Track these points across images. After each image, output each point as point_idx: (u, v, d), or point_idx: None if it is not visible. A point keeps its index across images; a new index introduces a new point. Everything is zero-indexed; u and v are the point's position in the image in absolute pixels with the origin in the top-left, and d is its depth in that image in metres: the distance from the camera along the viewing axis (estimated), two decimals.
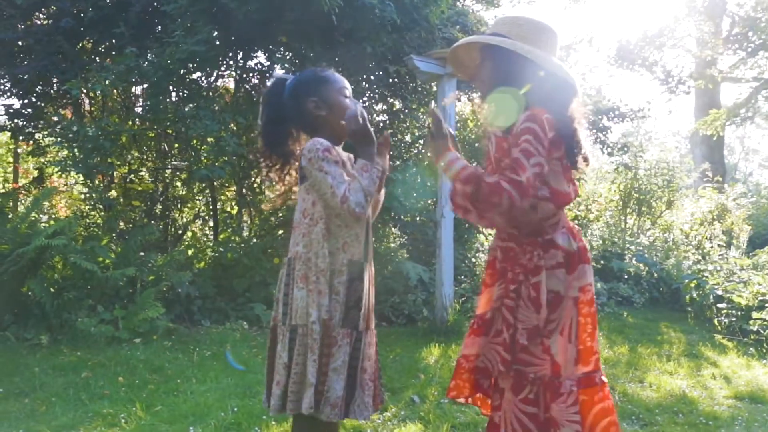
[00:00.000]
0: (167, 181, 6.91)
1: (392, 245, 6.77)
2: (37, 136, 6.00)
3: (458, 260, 6.38)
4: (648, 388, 3.87)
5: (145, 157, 6.77)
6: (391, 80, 6.51)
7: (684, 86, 13.35)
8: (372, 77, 6.55)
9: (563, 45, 8.66)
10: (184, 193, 7.16)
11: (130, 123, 6.18)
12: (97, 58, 5.59)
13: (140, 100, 6.60)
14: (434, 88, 6.89)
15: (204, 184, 6.96)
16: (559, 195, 1.86)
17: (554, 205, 1.87)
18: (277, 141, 1.99)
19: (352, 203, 1.78)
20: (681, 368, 4.39)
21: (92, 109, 6.37)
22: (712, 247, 8.15)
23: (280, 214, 6.88)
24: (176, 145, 7.02)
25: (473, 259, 6.96)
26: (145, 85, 5.75)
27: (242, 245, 6.18)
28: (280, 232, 6.78)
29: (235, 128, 5.51)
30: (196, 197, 7.30)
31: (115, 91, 5.79)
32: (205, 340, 4.83)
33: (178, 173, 6.97)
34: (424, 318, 5.66)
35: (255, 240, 6.44)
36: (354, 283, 1.87)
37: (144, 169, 6.50)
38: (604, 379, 1.93)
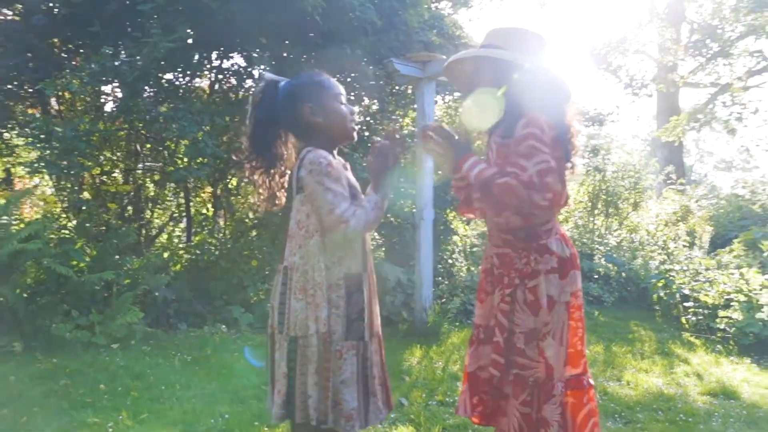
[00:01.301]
0: (139, 182, 6.78)
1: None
2: (5, 135, 5.80)
3: (435, 262, 6.44)
4: (626, 386, 3.99)
5: (116, 158, 6.62)
6: (369, 82, 6.52)
7: (647, 90, 13.73)
8: (348, 79, 6.55)
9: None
10: (155, 194, 7.03)
11: (102, 123, 6.03)
12: (71, 57, 5.43)
13: (110, 99, 6.47)
14: (409, 90, 6.96)
15: (177, 186, 6.86)
16: (557, 196, 1.92)
17: (550, 208, 1.92)
18: (266, 143, 1.97)
19: (350, 227, 1.79)
20: (655, 366, 4.53)
21: (61, 108, 6.19)
22: (676, 247, 8.41)
23: (253, 217, 6.84)
24: (148, 146, 6.90)
25: (450, 261, 7.03)
26: (116, 84, 5.65)
27: (219, 247, 6.10)
28: (253, 233, 6.73)
29: (210, 129, 5.44)
30: (168, 199, 7.17)
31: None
32: (185, 345, 4.76)
33: (150, 174, 6.84)
34: (403, 320, 5.69)
35: (231, 242, 6.37)
36: (353, 296, 1.87)
37: (117, 170, 6.35)
38: (591, 381, 2.00)
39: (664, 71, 14.52)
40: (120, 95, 6.30)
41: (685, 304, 6.14)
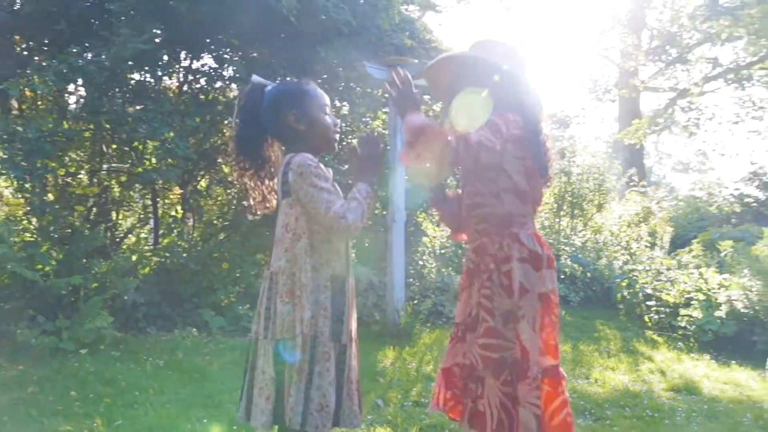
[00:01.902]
0: (104, 183, 6.65)
1: None
2: None
3: (405, 263, 6.50)
4: (594, 384, 4.11)
5: (80, 158, 6.48)
6: (339, 84, 6.54)
7: (610, 95, 14.10)
8: (319, 80, 6.55)
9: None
10: (120, 196, 6.91)
11: (66, 123, 5.90)
12: (32, 55, 5.30)
13: (74, 98, 6.33)
14: (378, 93, 7.00)
15: (144, 187, 6.75)
16: (521, 192, 1.99)
17: (519, 200, 1.99)
18: (252, 146, 1.98)
19: (349, 221, 1.80)
20: (621, 364, 4.68)
21: (23, 107, 6.03)
22: (638, 247, 8.67)
23: (220, 219, 6.78)
24: (113, 146, 6.77)
25: (420, 262, 7.10)
26: (79, 83, 5.54)
27: (188, 250, 6.03)
28: (221, 236, 6.67)
29: (180, 130, 5.38)
30: (134, 201, 7.06)
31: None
32: (156, 349, 4.70)
33: (116, 176, 6.72)
34: (375, 321, 5.72)
35: (201, 245, 6.30)
36: (337, 297, 1.90)
37: (82, 172, 6.22)
38: (563, 375, 2.06)
39: (626, 76, 14.94)
40: (84, 94, 6.22)
41: (648, 303, 6.34)
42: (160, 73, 5.68)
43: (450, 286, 6.76)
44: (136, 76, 5.51)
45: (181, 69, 6.05)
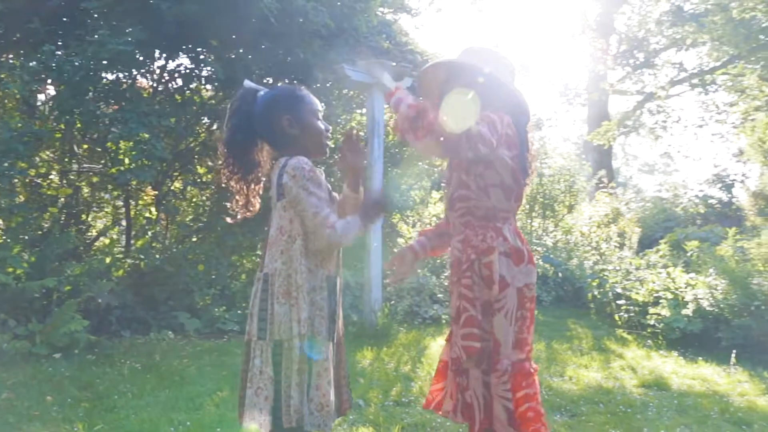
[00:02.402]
0: (76, 184, 6.54)
1: None
2: None
3: (382, 264, 6.55)
4: (569, 382, 4.21)
5: (49, 159, 6.36)
6: (316, 85, 6.55)
7: (581, 99, 14.37)
8: (295, 81, 6.56)
9: (467, 49, 9.04)
10: (90, 197, 6.81)
11: (36, 123, 5.79)
12: (6, 54, 5.20)
13: (42, 97, 6.21)
14: (351, 94, 7.04)
15: (116, 189, 6.66)
16: (508, 188, 2.05)
17: (504, 196, 2.06)
18: (243, 150, 2.00)
19: (337, 232, 1.84)
20: (594, 362, 4.79)
21: None
22: (608, 247, 8.87)
23: (195, 221, 6.73)
24: (84, 146, 6.66)
25: None
26: (49, 82, 5.44)
27: (164, 252, 5.97)
28: (196, 238, 6.61)
29: (156, 131, 5.34)
30: (105, 202, 6.96)
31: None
32: (131, 352, 4.66)
33: (88, 176, 6.62)
34: (353, 322, 5.75)
35: (176, 246, 6.24)
36: (331, 296, 1.94)
37: (53, 172, 6.11)
38: (535, 369, 2.12)
39: (595, 79, 15.25)
40: (53, 93, 6.10)
41: (618, 302, 6.49)
42: (134, 73, 5.63)
43: (425, 286, 6.83)
44: (109, 75, 5.46)
45: (157, 69, 5.99)
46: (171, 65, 5.89)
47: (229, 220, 2.16)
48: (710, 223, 9.44)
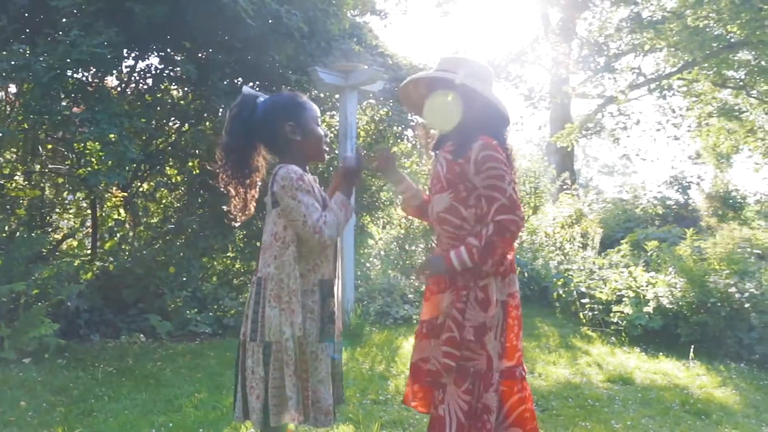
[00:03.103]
0: (40, 185, 6.41)
1: None
2: None
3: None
4: (539, 378, 4.36)
5: (12, 159, 6.22)
6: (288, 87, 6.57)
7: (545, 102, 14.69)
8: (267, 82, 6.56)
9: (444, 58, 9.20)
10: (55, 198, 6.68)
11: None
12: None
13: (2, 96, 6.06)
14: (323, 95, 7.08)
15: (80, 190, 6.55)
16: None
17: None
18: (241, 155, 2.05)
19: (325, 235, 1.92)
20: (561, 358, 4.96)
21: None
22: (572, 248, 9.11)
23: (165, 222, 6.67)
24: (49, 147, 6.53)
25: (367, 264, 7.22)
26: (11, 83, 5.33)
27: (134, 254, 5.91)
28: (163, 240, 6.55)
29: (127, 132, 5.28)
30: (67, 203, 6.83)
31: None
32: (103, 356, 4.61)
33: (50, 177, 6.49)
34: None
35: (145, 248, 6.17)
36: (327, 300, 2.01)
37: (18, 173, 5.97)
38: (524, 373, 2.25)
39: (557, 83, 15.61)
40: (14, 92, 5.96)
41: (582, 300, 6.70)
42: (103, 72, 5.55)
43: (396, 287, 6.93)
44: (77, 74, 5.37)
45: (126, 68, 5.92)
46: (141, 65, 5.84)
47: (234, 223, 2.17)
48: (668, 223, 9.79)
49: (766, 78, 13.11)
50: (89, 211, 6.54)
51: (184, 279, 6.08)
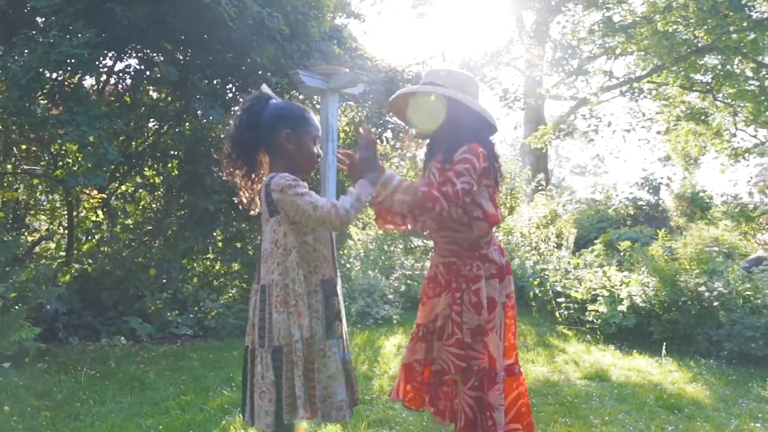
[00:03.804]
0: (14, 187, 6.32)
1: None
2: None
3: None
4: None
5: None
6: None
7: (520, 103, 14.91)
8: (247, 85, 6.56)
9: (420, 61, 9.33)
10: (29, 199, 6.58)
11: None
12: None
13: None
14: (301, 97, 7.11)
15: (55, 191, 6.47)
16: (490, 216, 2.24)
17: (487, 225, 2.24)
18: (248, 148, 2.11)
19: (340, 209, 1.94)
20: (539, 357, 5.08)
21: None
22: (547, 248, 9.29)
23: (145, 224, 6.62)
24: (23, 147, 6.43)
25: (348, 265, 7.26)
26: None
27: (113, 256, 5.86)
28: (141, 241, 6.51)
29: (107, 133, 5.25)
30: (41, 205, 6.74)
31: None
32: (84, 359, 4.58)
33: (23, 178, 6.40)
34: None
35: (124, 250, 6.13)
36: (330, 298, 2.06)
37: None
38: (520, 369, 2.36)
39: (531, 84, 15.84)
40: None
41: (558, 299, 6.86)
42: (80, 73, 5.50)
43: (376, 288, 7.00)
44: (54, 75, 5.31)
45: (105, 68, 5.87)
46: (119, 65, 5.80)
47: (251, 213, 2.20)
48: (639, 223, 10.04)
49: (732, 82, 13.54)
50: (65, 213, 6.48)
51: (164, 281, 6.06)
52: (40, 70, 4.42)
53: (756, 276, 5.70)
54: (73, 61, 4.33)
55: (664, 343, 5.28)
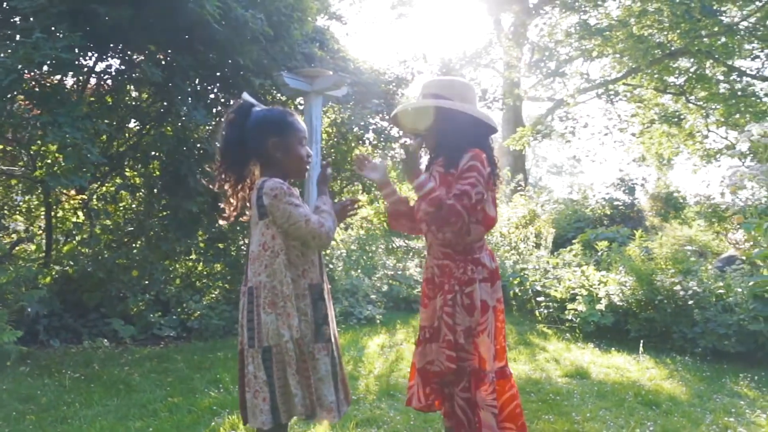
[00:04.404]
0: None
1: (245, 252, 6.81)
2: None
3: None
4: None
5: None
6: (250, 90, 6.59)
7: (498, 104, 15.07)
8: (230, 87, 6.55)
9: (402, 60, 9.33)
10: (4, 200, 6.48)
11: None
12: None
13: None
14: (284, 98, 7.12)
15: (32, 192, 6.38)
16: (489, 219, 2.31)
17: (484, 228, 2.31)
18: (236, 160, 2.16)
19: (326, 229, 2.06)
20: (521, 355, 5.18)
21: None
22: (526, 247, 9.43)
23: (126, 225, 6.57)
24: (0, 147, 6.33)
25: (330, 266, 7.29)
26: None
27: (94, 257, 5.81)
28: (123, 241, 6.46)
29: (89, 134, 5.20)
30: (16, 206, 6.64)
31: None
32: (68, 362, 4.55)
33: (3, 180, 6.30)
34: None
35: (106, 251, 6.07)
36: (318, 303, 2.11)
37: None
38: (511, 371, 2.43)
39: (510, 86, 16.04)
40: None
41: (538, 299, 6.99)
42: (60, 73, 5.45)
43: (359, 288, 7.04)
44: (34, 73, 5.25)
45: (85, 68, 5.81)
46: (102, 66, 5.74)
47: (222, 222, 2.27)
48: (616, 223, 10.24)
49: (704, 85, 13.89)
50: (41, 213, 6.39)
51: (147, 282, 6.02)
52: (24, 71, 4.37)
53: (728, 275, 5.88)
54: (57, 63, 4.28)
55: (641, 341, 5.42)
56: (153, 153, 6.31)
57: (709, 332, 5.20)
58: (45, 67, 4.57)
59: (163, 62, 5.70)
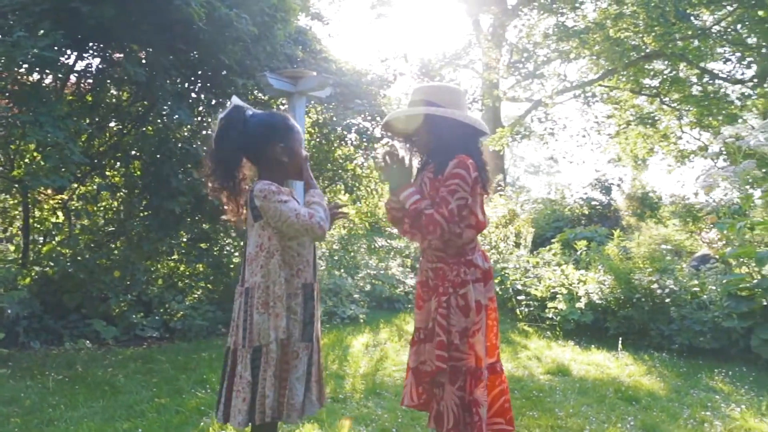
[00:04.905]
0: None
1: (227, 252, 6.78)
2: None
3: None
4: None
5: None
6: (233, 90, 6.57)
7: (478, 104, 15.20)
8: (213, 87, 6.53)
9: (382, 58, 9.39)
10: None
11: None
12: None
13: None
14: (266, 98, 7.11)
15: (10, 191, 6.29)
16: (480, 223, 2.36)
17: (475, 231, 2.36)
18: (228, 166, 2.16)
19: (317, 220, 2.06)
20: (503, 353, 5.25)
21: None
22: (506, 247, 9.54)
23: (107, 225, 6.51)
24: None
25: None
26: None
27: (76, 258, 5.74)
28: (106, 241, 6.40)
29: (71, 134, 5.15)
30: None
31: None
32: (50, 364, 4.50)
33: None
34: None
35: (87, 252, 6.00)
36: (308, 302, 2.14)
37: None
38: (502, 367, 2.48)
39: (488, 87, 16.19)
40: None
41: (519, 297, 7.09)
42: (39, 71, 5.38)
43: (342, 288, 7.07)
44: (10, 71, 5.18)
45: (64, 67, 5.75)
46: (82, 65, 5.69)
47: (231, 222, 2.28)
48: (593, 223, 10.42)
49: (678, 87, 14.18)
50: (17, 213, 6.30)
51: (128, 283, 5.97)
52: (5, 70, 4.32)
53: (703, 274, 6.04)
54: (40, 61, 4.23)
55: (620, 338, 5.54)
56: (134, 153, 6.27)
57: (685, 329, 5.34)
58: (26, 66, 4.51)
59: (144, 61, 5.66)
